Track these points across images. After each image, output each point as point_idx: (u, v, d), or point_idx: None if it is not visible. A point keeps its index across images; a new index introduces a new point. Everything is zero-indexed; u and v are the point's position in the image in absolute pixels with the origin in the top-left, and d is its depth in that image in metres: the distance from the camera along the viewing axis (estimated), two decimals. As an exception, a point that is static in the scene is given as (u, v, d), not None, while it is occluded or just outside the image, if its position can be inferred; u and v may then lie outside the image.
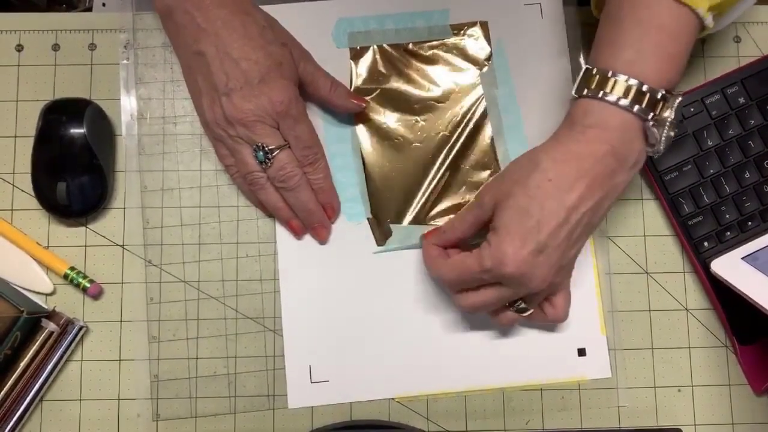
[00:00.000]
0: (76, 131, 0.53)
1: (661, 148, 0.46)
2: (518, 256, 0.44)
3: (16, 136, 0.56)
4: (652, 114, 0.45)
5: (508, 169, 0.48)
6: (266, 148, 0.50)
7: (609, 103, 0.45)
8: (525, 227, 0.45)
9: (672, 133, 0.47)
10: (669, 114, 0.45)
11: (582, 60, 0.57)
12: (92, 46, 0.57)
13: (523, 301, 0.49)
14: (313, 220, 0.54)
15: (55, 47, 0.57)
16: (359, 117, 0.57)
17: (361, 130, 0.57)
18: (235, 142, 0.51)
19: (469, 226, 0.50)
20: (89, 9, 0.75)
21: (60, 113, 0.54)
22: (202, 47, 0.50)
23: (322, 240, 0.55)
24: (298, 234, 0.55)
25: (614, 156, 0.45)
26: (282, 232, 0.55)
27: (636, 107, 0.44)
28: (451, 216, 0.55)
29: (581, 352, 0.55)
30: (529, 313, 0.50)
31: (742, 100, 0.56)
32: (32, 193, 0.54)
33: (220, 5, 0.50)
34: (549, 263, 0.45)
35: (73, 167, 0.53)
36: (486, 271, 0.46)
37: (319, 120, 0.56)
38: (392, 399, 0.54)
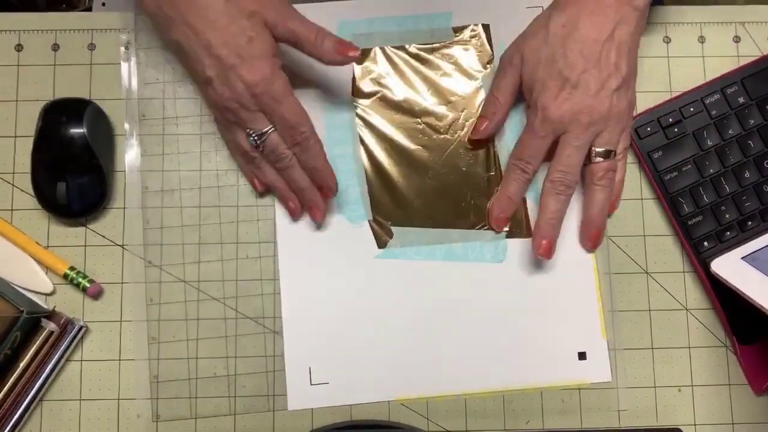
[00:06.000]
0: (76, 131, 0.53)
1: None
2: (560, 100, 0.50)
3: (15, 136, 0.56)
4: None
5: (527, 30, 0.53)
6: (255, 134, 0.50)
7: None
8: (554, 73, 0.50)
9: None
10: None
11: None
12: (92, 46, 0.57)
13: (600, 145, 0.52)
14: (305, 199, 0.53)
15: (55, 47, 0.57)
16: (361, 119, 0.57)
17: (362, 132, 0.57)
18: (230, 124, 0.51)
19: (508, 92, 0.54)
20: (89, 9, 0.75)
21: (60, 113, 0.54)
22: (174, 35, 0.49)
23: (316, 221, 0.54)
24: (294, 215, 0.54)
25: None
26: (282, 233, 0.55)
27: None
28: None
29: (582, 356, 0.55)
30: (615, 155, 0.52)
31: (741, 99, 0.56)
32: (32, 193, 0.54)
33: None
34: (591, 92, 0.50)
35: (73, 167, 0.53)
36: (542, 130, 0.51)
37: (320, 122, 0.56)
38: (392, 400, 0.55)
